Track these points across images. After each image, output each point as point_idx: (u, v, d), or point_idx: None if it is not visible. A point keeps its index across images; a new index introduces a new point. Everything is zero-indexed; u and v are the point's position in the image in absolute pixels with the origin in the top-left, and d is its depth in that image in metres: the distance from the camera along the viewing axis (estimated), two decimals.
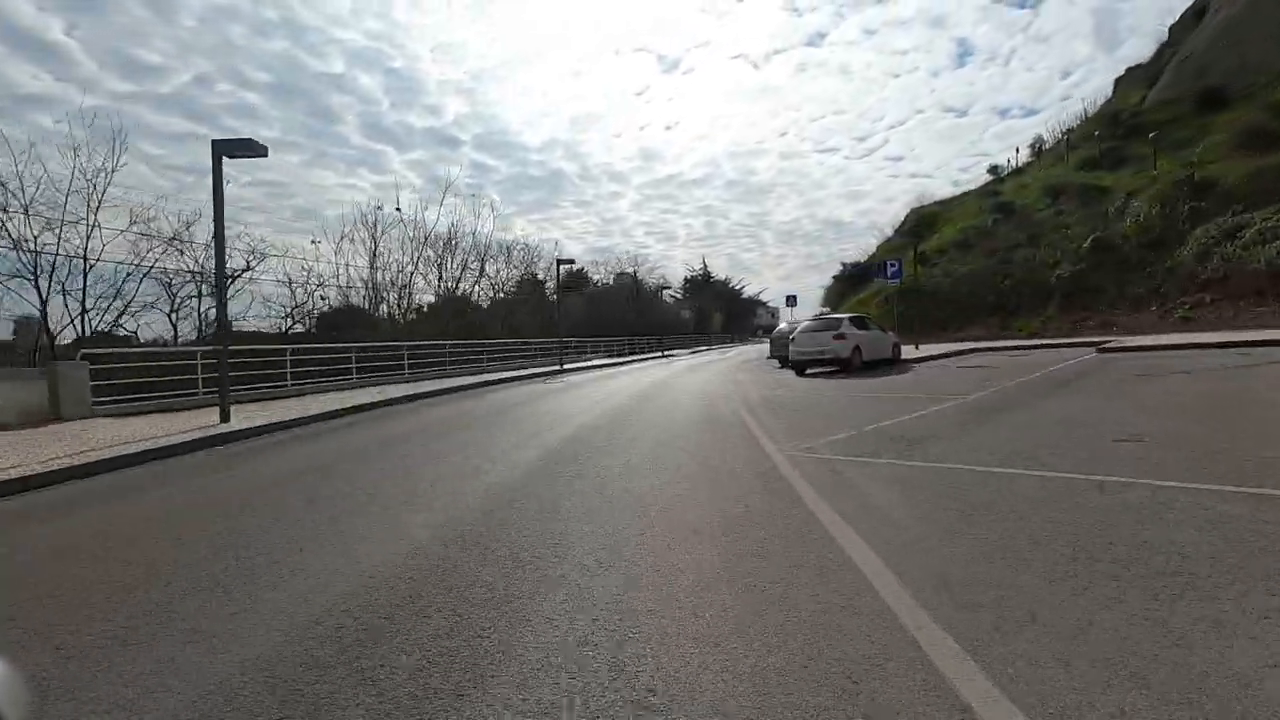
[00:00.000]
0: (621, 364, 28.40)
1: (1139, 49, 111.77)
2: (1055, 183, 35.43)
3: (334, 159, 56.98)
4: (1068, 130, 42.15)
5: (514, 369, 24.33)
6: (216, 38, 49.81)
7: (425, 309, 34.33)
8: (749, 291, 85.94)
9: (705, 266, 74.85)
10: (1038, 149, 46.24)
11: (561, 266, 24.40)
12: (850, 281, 47.28)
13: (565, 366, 23.81)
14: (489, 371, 22.54)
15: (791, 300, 34.33)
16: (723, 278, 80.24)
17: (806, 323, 17.49)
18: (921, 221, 44.88)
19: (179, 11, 55.50)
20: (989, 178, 50.18)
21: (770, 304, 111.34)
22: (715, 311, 65.32)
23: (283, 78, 72.30)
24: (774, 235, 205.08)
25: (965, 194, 47.90)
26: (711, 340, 54.01)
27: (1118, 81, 48.38)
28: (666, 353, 38.46)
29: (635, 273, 47.55)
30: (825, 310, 43.36)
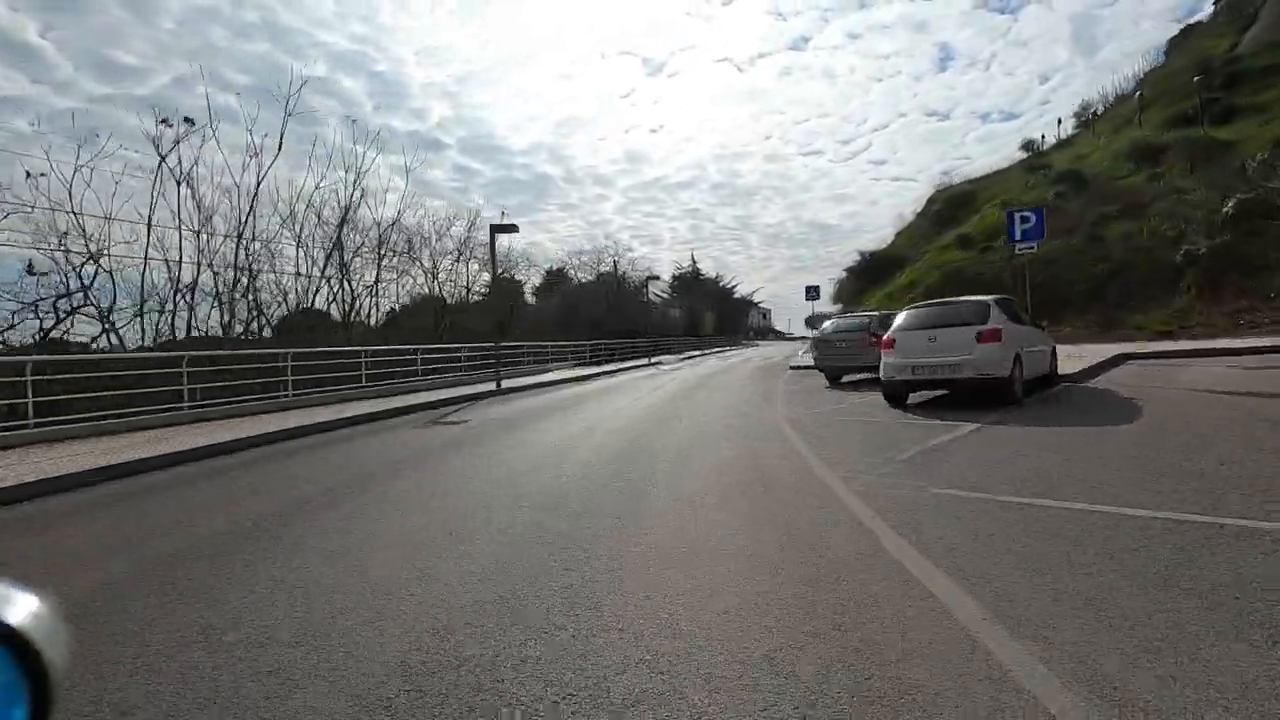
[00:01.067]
0: (590, 377, 20.61)
1: (1117, 51, 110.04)
2: (1138, 145, 28.31)
3: (315, 161, 49.94)
4: (1132, 92, 35.23)
5: (445, 385, 16.43)
6: (196, 40, 45.77)
7: (396, 312, 26.96)
8: (740, 291, 78.99)
9: (694, 263, 67.61)
10: (1086, 118, 39.35)
11: (499, 234, 16.43)
12: (868, 275, 39.93)
13: (503, 386, 15.95)
14: (401, 393, 14.58)
15: (813, 292, 26.76)
16: (713, 275, 73.09)
17: (908, 313, 9.75)
18: (951, 203, 37.68)
19: (158, 13, 52.67)
20: (1022, 154, 43.29)
21: (762, 305, 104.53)
22: (706, 311, 57.90)
23: (263, 80, 70.67)
24: (759, 238, 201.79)
25: (1002, 170, 40.91)
26: (705, 343, 46.56)
27: (1172, 42, 41.81)
28: (653, 360, 30.65)
29: (616, 264, 39.82)
30: (841, 309, 35.93)
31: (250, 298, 19.73)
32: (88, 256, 16.28)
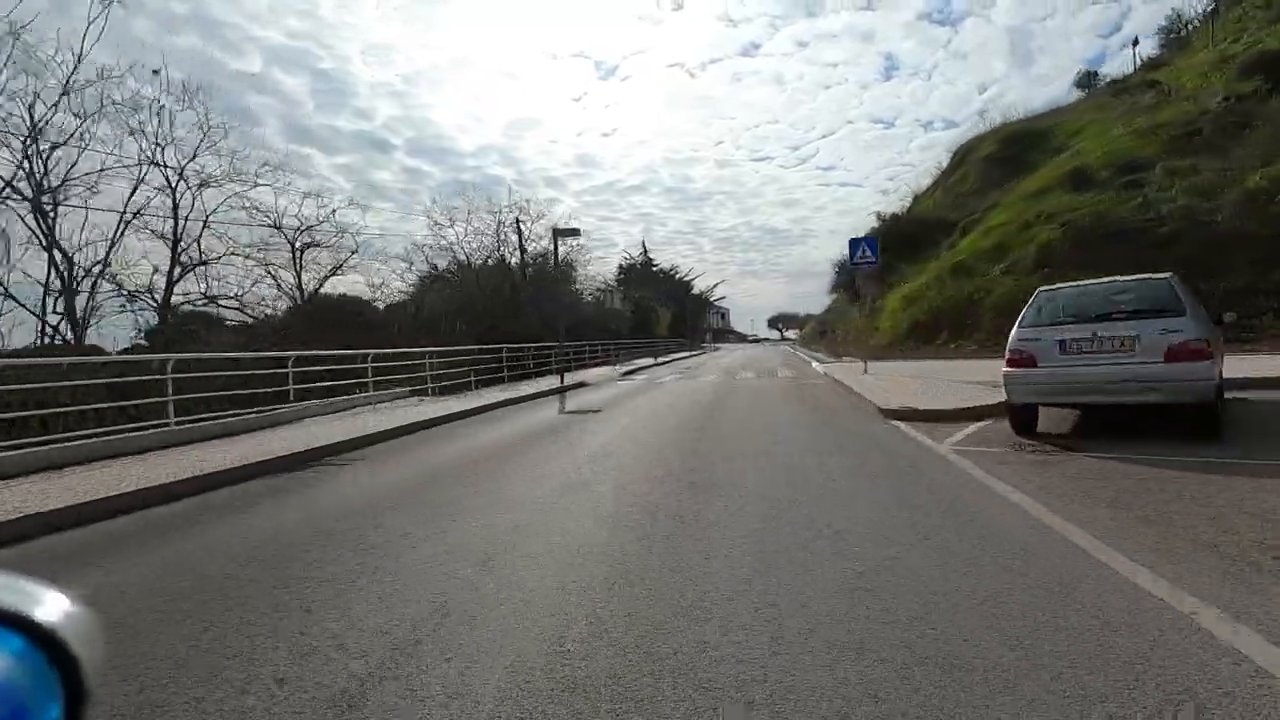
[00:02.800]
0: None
1: (1050, 65, 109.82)
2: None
3: (252, 162, 41.17)
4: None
5: None
6: (119, 32, 40.70)
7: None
8: (699, 287, 66.75)
9: (645, 252, 55.06)
10: (1178, 30, 28.84)
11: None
12: (891, 248, 28.24)
13: None
14: None
15: (863, 251, 14.24)
16: (668, 266, 60.82)
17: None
18: (1014, 144, 26.35)
19: (76, 3, 47.91)
20: (1078, 94, 32.67)
21: (720, 303, 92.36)
22: (659, 308, 45.32)
23: (195, 75, 58.60)
24: (712, 242, 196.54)
25: (1060, 109, 30.04)
26: (658, 347, 34.13)
27: None
28: (567, 374, 17.85)
29: (521, 238, 26.48)
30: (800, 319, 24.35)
31: None
32: None
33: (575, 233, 16.51)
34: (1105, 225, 16.14)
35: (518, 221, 25.34)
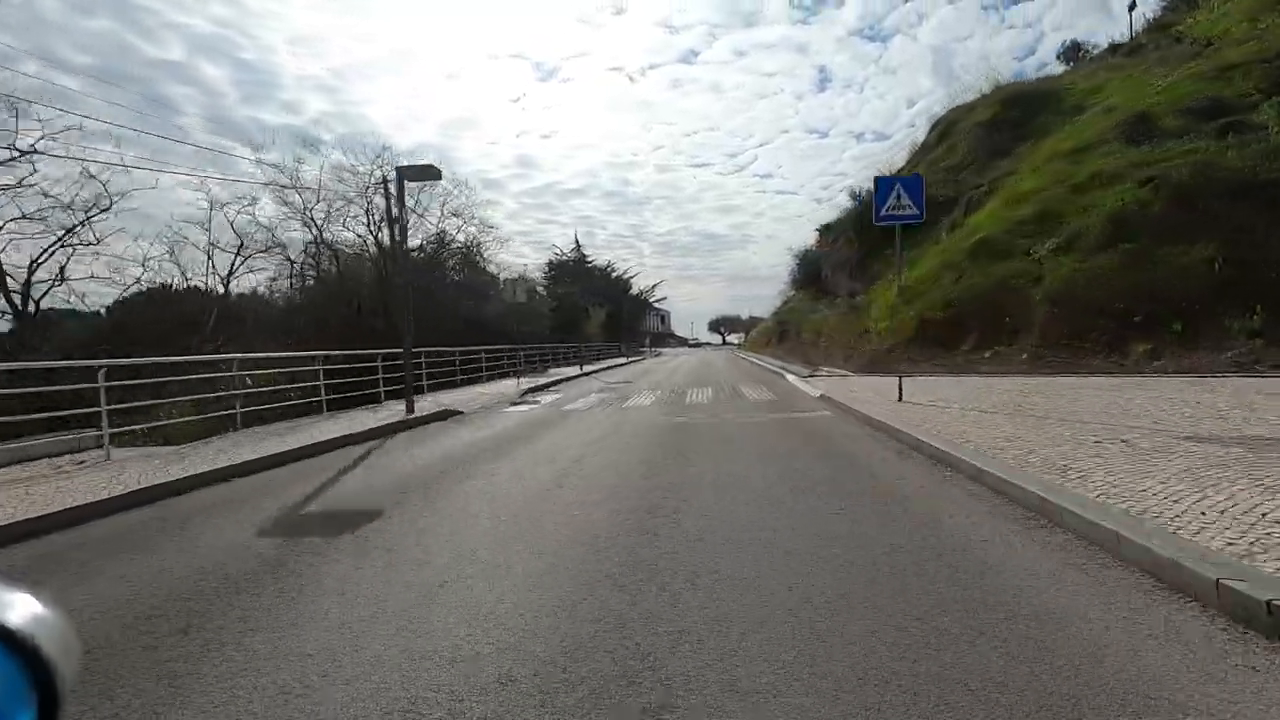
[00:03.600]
0: None
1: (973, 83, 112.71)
2: None
3: (172, 156, 39.63)
4: None
5: None
6: (24, 12, 36.39)
7: None
8: (638, 287, 60.73)
9: (578, 246, 48.78)
10: None
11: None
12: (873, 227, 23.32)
13: None
14: None
15: (908, 192, 8.62)
16: (603, 262, 54.73)
17: None
18: (1017, 106, 21.73)
19: None
20: (1062, 68, 28.89)
21: (659, 305, 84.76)
22: (591, 308, 38.84)
23: (109, 61, 58.89)
24: (651, 246, 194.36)
25: (1054, 76, 25.97)
26: (587, 352, 28.01)
27: None
28: (432, 395, 11.64)
29: (393, 207, 19.37)
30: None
31: None
32: None
33: (433, 173, 10.26)
34: (1214, 179, 11.22)
35: (385, 183, 18.47)
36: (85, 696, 2.02)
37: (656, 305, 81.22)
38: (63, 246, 16.89)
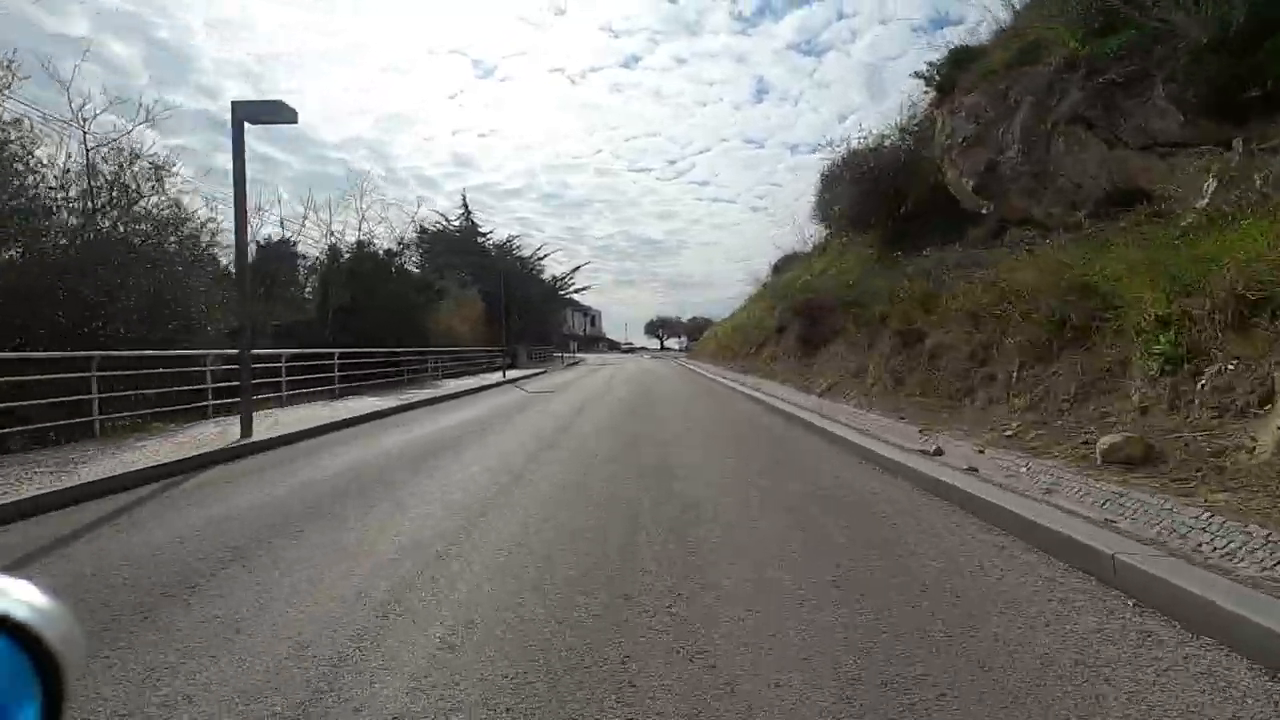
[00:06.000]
0: None
1: (900, 101, 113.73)
2: None
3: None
4: None
5: None
6: None
7: None
8: (555, 273, 47.40)
9: (467, 208, 37.75)
10: None
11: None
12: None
13: None
14: None
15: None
16: (503, 237, 44.51)
17: None
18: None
19: None
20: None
21: (578, 296, 64.38)
22: (435, 285, 26.50)
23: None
24: (590, 250, 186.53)
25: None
26: (414, 366, 18.18)
27: None
28: None
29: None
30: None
31: None
32: None
33: (287, 114, 4.08)
34: None
35: None
36: None
37: (578, 299, 59.84)
38: None
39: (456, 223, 36.31)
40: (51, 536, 3.96)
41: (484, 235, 38.01)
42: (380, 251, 21.07)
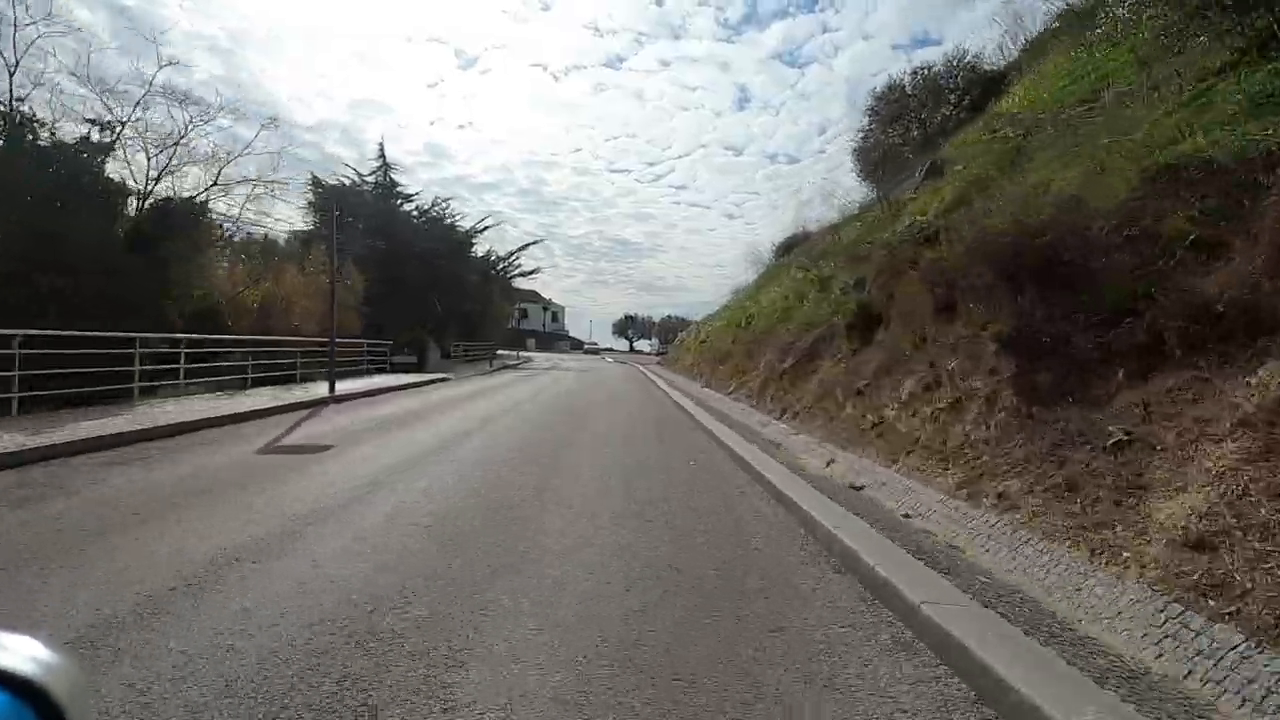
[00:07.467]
0: None
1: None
2: None
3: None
4: None
5: None
6: None
7: None
8: (493, 248, 37.75)
9: (385, 165, 30.03)
10: None
11: None
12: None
13: None
14: None
15: None
16: (428, 197, 36.30)
17: None
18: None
19: None
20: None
21: (527, 282, 39.00)
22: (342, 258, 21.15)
23: None
24: (564, 248, 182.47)
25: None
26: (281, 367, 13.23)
27: None
28: None
29: None
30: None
31: None
32: None
33: None
34: None
35: None
36: None
37: (515, 281, 41.39)
38: None
39: (371, 178, 31.12)
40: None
41: (408, 198, 32.00)
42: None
